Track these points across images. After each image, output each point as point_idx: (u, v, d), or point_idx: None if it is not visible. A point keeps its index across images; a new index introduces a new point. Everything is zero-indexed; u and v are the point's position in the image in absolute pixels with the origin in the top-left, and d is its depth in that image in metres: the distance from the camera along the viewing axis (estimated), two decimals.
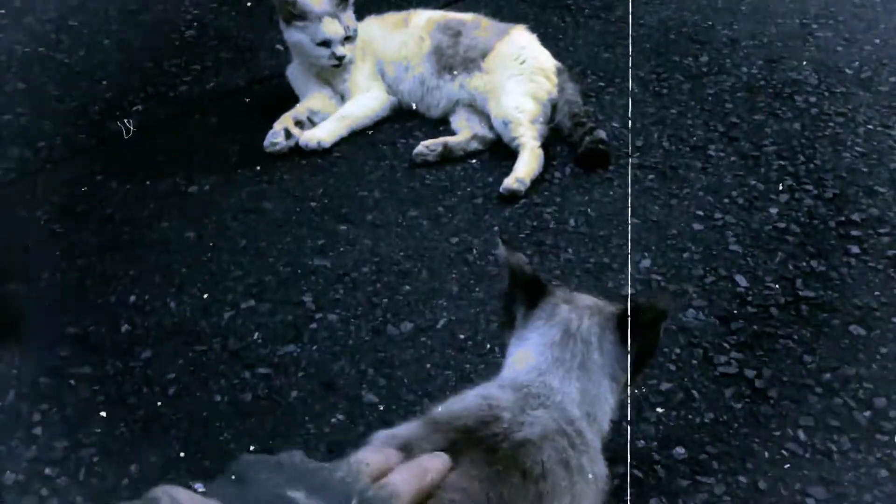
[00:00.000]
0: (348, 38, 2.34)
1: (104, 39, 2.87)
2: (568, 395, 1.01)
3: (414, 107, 2.43)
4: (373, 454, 0.77)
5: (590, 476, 0.96)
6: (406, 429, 0.93)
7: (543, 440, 0.93)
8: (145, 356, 1.70)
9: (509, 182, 2.09)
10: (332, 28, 2.30)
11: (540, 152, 2.17)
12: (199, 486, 0.67)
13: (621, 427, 1.51)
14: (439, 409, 0.99)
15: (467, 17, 2.47)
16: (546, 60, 2.36)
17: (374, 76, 2.43)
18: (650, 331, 1.09)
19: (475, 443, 0.89)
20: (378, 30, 2.48)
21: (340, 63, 2.34)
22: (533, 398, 0.99)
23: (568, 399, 1.01)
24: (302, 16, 2.29)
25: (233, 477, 0.68)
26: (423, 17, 2.47)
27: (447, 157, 2.22)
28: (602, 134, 2.19)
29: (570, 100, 2.29)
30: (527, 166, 2.13)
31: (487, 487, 0.85)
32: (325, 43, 2.31)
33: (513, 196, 2.08)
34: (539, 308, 1.10)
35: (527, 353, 1.06)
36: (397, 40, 2.44)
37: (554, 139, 2.26)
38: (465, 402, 0.97)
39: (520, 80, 2.28)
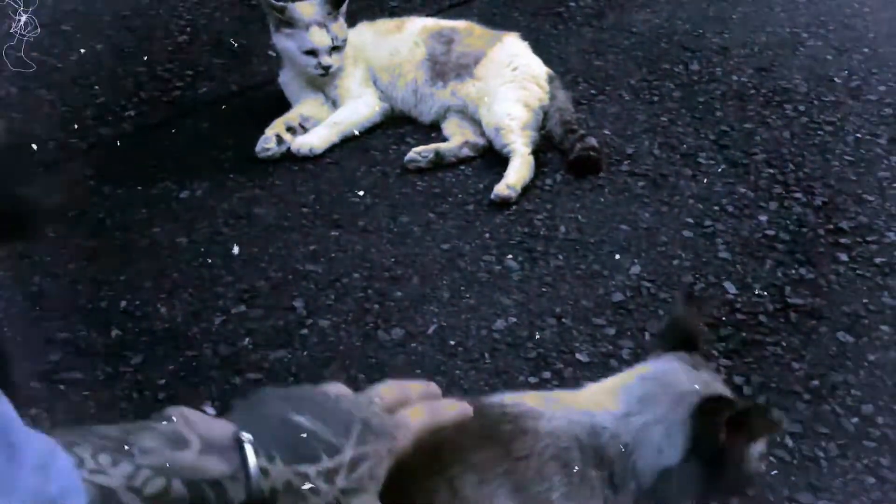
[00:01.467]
0: (336, 49, 2.34)
1: (97, 44, 2.87)
2: (613, 431, 0.94)
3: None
4: (390, 389, 0.79)
5: (591, 491, 0.91)
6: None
7: (548, 435, 0.91)
8: (136, 361, 1.70)
9: (500, 189, 2.10)
10: (318, 38, 2.30)
11: (531, 159, 2.18)
12: (209, 409, 0.70)
13: None
14: None
15: (460, 24, 2.48)
16: (538, 68, 2.37)
17: (367, 82, 2.44)
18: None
19: (486, 417, 0.90)
20: (371, 36, 2.48)
21: (326, 73, 2.34)
22: (591, 428, 0.93)
23: (613, 435, 0.94)
24: (290, 23, 2.30)
25: (244, 404, 0.71)
26: (416, 25, 2.47)
27: (439, 163, 2.23)
28: (593, 141, 2.20)
29: (562, 107, 2.30)
30: (518, 173, 2.13)
31: (463, 441, 0.86)
32: (312, 52, 2.31)
33: (503, 203, 2.09)
34: (675, 353, 1.04)
35: (635, 382, 1.00)
36: (390, 47, 2.45)
37: (545, 146, 2.27)
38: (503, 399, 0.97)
39: (511, 87, 2.29)
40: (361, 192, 2.17)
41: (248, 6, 3.04)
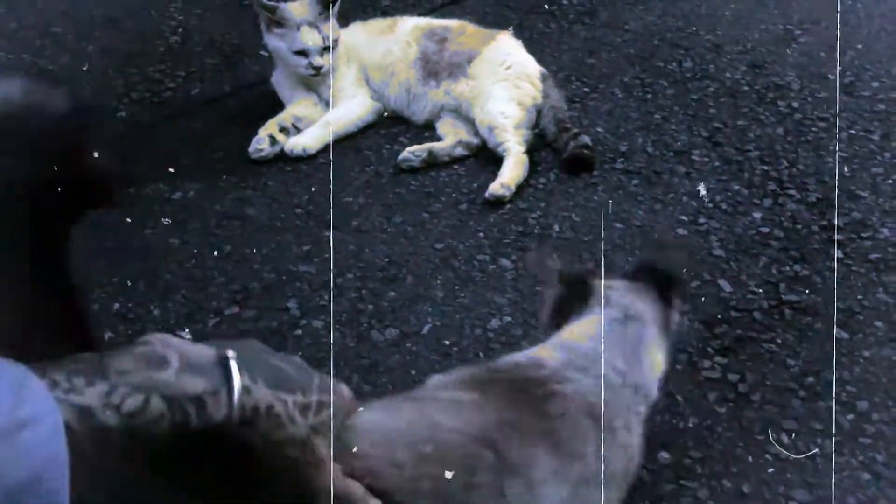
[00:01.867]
0: (327, 49, 2.33)
1: (88, 46, 2.86)
2: (615, 367, 1.07)
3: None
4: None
5: (622, 441, 1.01)
6: (464, 371, 1.04)
7: (575, 395, 1.00)
8: None
9: (494, 188, 2.10)
10: (309, 37, 2.29)
11: (525, 158, 2.18)
12: (185, 333, 0.70)
13: None
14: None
15: (453, 23, 2.47)
16: (531, 67, 2.37)
17: (360, 82, 2.43)
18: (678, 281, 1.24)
19: (515, 387, 0.99)
20: (364, 36, 2.48)
21: (318, 73, 2.33)
22: (579, 359, 1.06)
23: (615, 370, 1.07)
24: (281, 23, 2.30)
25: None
26: (409, 24, 2.47)
27: (432, 162, 2.23)
28: (586, 139, 2.20)
29: (555, 106, 2.30)
30: (512, 172, 2.13)
31: (501, 411, 0.94)
32: (303, 52, 2.31)
33: (498, 202, 2.08)
34: (593, 299, 1.17)
35: (582, 326, 1.14)
36: (383, 47, 2.44)
37: (539, 145, 2.27)
38: (517, 357, 1.09)
39: (504, 85, 2.29)
40: (355, 192, 2.16)
41: (239, 7, 3.03)
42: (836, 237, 1.92)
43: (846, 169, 2.12)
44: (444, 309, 1.80)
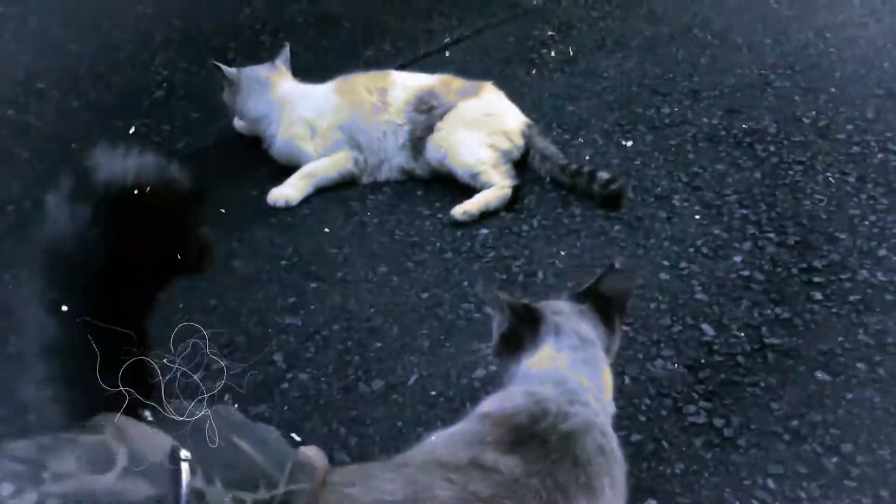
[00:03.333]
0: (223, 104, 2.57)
1: (74, 101, 2.89)
2: (590, 390, 1.15)
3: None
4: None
5: (617, 457, 1.09)
6: (466, 426, 1.08)
7: (586, 431, 1.06)
8: None
9: (455, 211, 2.22)
10: (226, 97, 2.57)
11: (502, 192, 2.25)
12: (148, 414, 0.66)
13: None
14: (487, 405, 1.12)
15: (438, 81, 2.48)
16: (511, 121, 2.40)
17: (335, 145, 2.44)
18: (622, 307, 1.32)
19: (530, 436, 1.03)
20: (348, 108, 2.46)
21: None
22: (571, 393, 1.12)
23: (591, 393, 1.15)
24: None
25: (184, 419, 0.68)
26: (399, 97, 2.44)
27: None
28: (604, 175, 2.24)
29: (546, 154, 2.34)
30: (478, 200, 2.23)
31: (544, 475, 0.97)
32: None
33: (455, 224, 2.21)
34: (544, 326, 1.23)
35: (552, 355, 1.19)
36: (375, 129, 2.43)
37: (528, 190, 2.29)
38: (516, 401, 1.10)
39: (476, 132, 2.32)
40: (340, 243, 2.17)
41: (224, 60, 3.07)
42: (815, 279, 1.94)
43: (823, 211, 2.15)
44: (430, 359, 1.80)
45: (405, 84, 2.47)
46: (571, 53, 3.02)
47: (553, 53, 3.01)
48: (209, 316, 1.95)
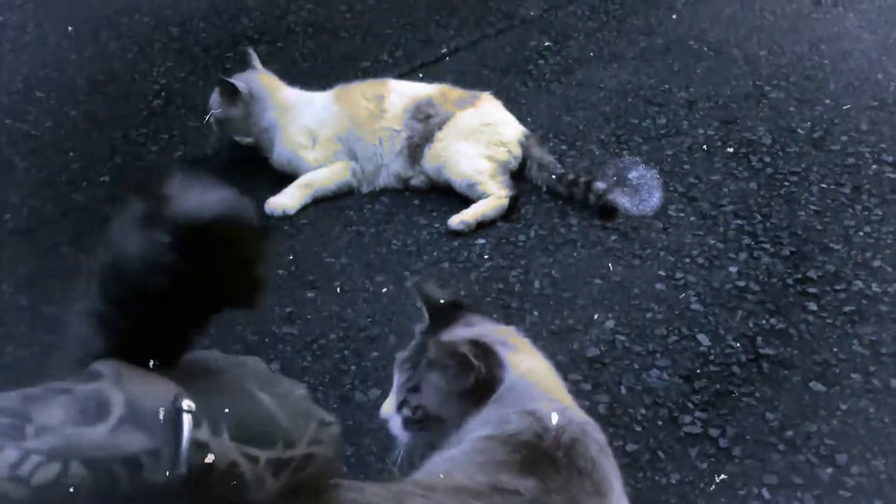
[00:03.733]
0: (218, 122, 2.51)
1: (71, 110, 2.89)
2: (555, 391, 1.20)
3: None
4: None
5: (608, 450, 1.12)
6: (469, 448, 1.07)
7: (583, 436, 1.08)
8: None
9: (452, 221, 2.23)
10: (215, 102, 2.52)
11: (500, 202, 2.26)
12: (152, 362, 0.62)
13: None
14: (480, 429, 1.10)
15: (436, 91, 2.47)
16: (509, 132, 2.41)
17: (334, 156, 2.45)
18: None
19: (540, 454, 1.03)
20: (347, 118, 2.45)
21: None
22: (552, 402, 1.14)
23: (558, 394, 1.20)
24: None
25: (204, 359, 0.64)
26: (396, 103, 2.44)
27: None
28: (600, 185, 2.25)
29: (543, 164, 2.35)
30: (475, 209, 2.24)
31: (560, 491, 0.99)
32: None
33: (453, 234, 2.21)
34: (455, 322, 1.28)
35: (517, 367, 1.19)
36: (372, 138, 2.43)
37: (525, 200, 2.30)
38: (513, 421, 1.09)
39: (473, 143, 2.33)
40: (337, 252, 2.18)
41: (222, 69, 3.08)
42: (810, 290, 1.95)
43: (818, 222, 2.16)
44: None
45: (403, 92, 2.48)
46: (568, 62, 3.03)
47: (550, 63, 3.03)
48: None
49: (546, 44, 3.19)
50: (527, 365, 1.21)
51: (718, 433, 1.62)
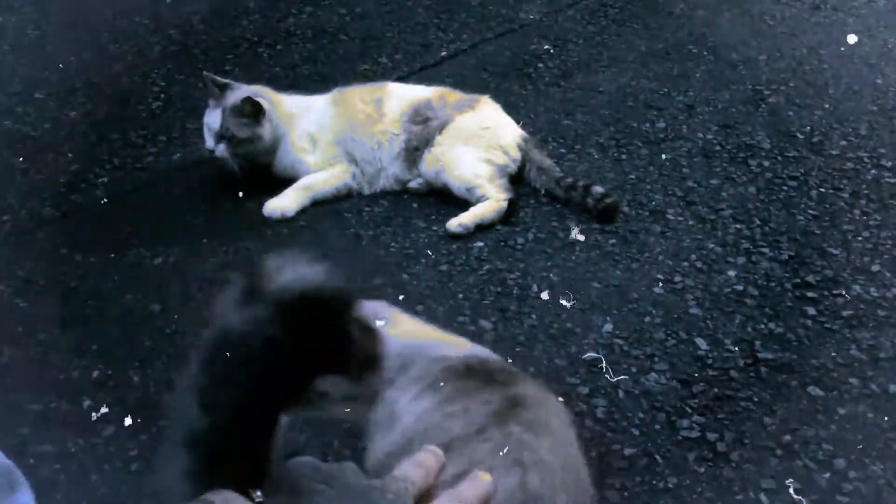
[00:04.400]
0: (224, 139, 2.37)
1: (70, 112, 2.89)
2: None
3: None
4: (415, 470, 0.72)
5: None
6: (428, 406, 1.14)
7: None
8: (108, 433, 1.68)
9: (451, 224, 2.23)
10: (213, 117, 2.38)
11: (498, 205, 2.26)
12: (259, 495, 0.63)
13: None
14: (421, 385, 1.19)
15: (434, 94, 2.48)
16: (508, 135, 2.42)
17: (333, 159, 2.45)
18: None
19: (484, 372, 1.20)
20: (346, 123, 2.45)
21: (211, 154, 2.40)
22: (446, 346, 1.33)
23: None
24: (218, 99, 2.40)
25: (283, 485, 0.64)
26: (395, 108, 2.44)
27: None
28: (599, 189, 2.26)
29: (543, 167, 2.35)
30: (473, 212, 2.25)
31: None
32: (208, 128, 2.40)
33: (452, 237, 2.22)
34: None
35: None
36: (370, 141, 2.43)
37: (525, 203, 2.30)
38: (440, 364, 1.22)
39: (472, 147, 2.34)
40: (335, 256, 2.17)
41: (221, 72, 3.08)
42: (808, 294, 1.95)
43: (817, 227, 2.16)
44: None
45: (401, 95, 2.47)
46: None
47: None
48: (204, 329, 1.95)
49: (545, 47, 3.19)
50: (406, 328, 1.34)
51: (716, 437, 1.62)
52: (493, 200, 2.26)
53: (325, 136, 2.44)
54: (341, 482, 0.66)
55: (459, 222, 2.22)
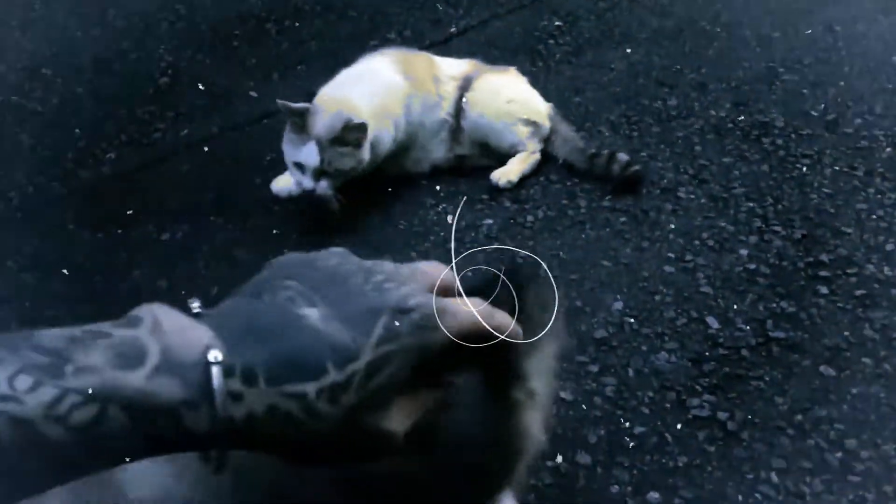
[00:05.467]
0: (325, 173, 2.08)
1: (77, 88, 2.88)
2: None
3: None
4: (436, 268, 0.65)
5: None
6: None
7: None
8: None
9: (496, 177, 2.26)
10: (310, 154, 2.05)
11: (535, 157, 2.33)
12: (195, 303, 0.59)
13: (595, 471, 1.51)
14: None
15: (469, 66, 2.43)
16: (539, 101, 2.42)
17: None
18: None
19: None
20: (418, 98, 2.30)
21: (307, 194, 2.11)
22: None
23: None
24: (301, 127, 2.06)
25: (246, 289, 0.60)
26: (448, 89, 2.34)
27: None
28: (624, 156, 2.25)
29: (567, 138, 2.37)
30: (515, 167, 2.28)
31: None
32: (299, 166, 2.09)
33: (496, 190, 2.25)
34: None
35: None
36: (436, 118, 2.33)
37: (531, 182, 2.28)
38: None
39: (513, 95, 2.37)
40: (343, 234, 2.16)
41: (229, 48, 3.06)
42: (821, 273, 1.93)
43: (830, 205, 2.13)
44: None
45: (450, 74, 2.38)
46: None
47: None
48: (210, 305, 1.94)
49: (556, 24, 3.15)
50: None
51: (727, 417, 1.60)
52: (528, 153, 2.30)
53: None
54: (316, 272, 0.60)
55: (508, 179, 2.25)
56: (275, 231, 2.18)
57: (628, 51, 2.93)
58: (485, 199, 2.24)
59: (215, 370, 0.51)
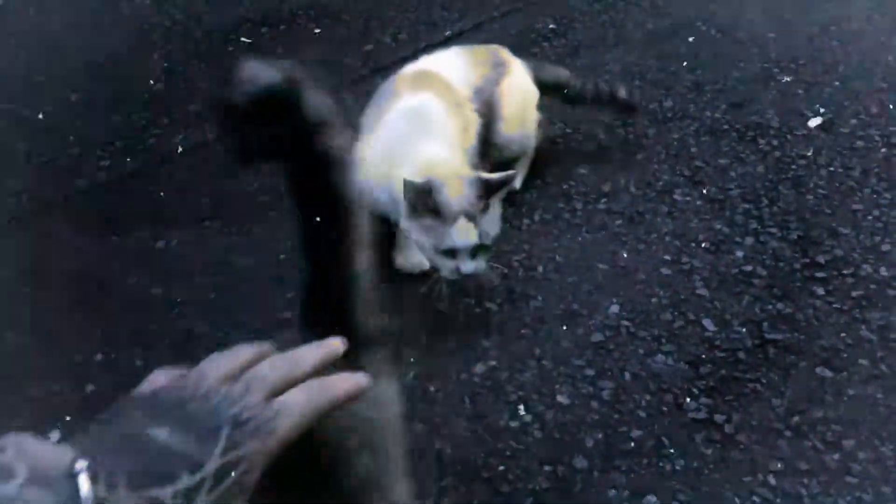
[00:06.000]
0: (483, 248, 1.74)
1: (71, 94, 2.88)
2: None
3: None
4: (273, 365, 0.69)
5: None
6: None
7: None
8: None
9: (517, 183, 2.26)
10: (464, 234, 1.69)
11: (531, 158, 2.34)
12: (55, 434, 0.63)
13: (592, 475, 1.51)
14: None
15: (466, 71, 2.15)
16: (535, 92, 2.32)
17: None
18: None
19: None
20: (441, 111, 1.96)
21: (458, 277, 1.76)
22: None
23: None
24: (435, 210, 1.69)
25: (100, 421, 0.63)
26: (465, 102, 2.04)
27: None
28: (622, 92, 2.38)
29: (560, 79, 2.39)
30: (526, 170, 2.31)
31: None
32: (452, 252, 1.72)
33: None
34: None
35: None
36: (518, 99, 2.21)
37: (527, 186, 2.28)
38: None
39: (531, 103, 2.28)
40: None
41: (224, 52, 3.05)
42: (817, 275, 1.92)
43: (826, 206, 2.13)
44: (428, 354, 1.79)
45: (464, 95, 2.06)
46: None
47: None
48: (208, 313, 1.94)
49: (550, 26, 3.15)
50: None
51: (724, 419, 1.60)
52: (528, 157, 2.32)
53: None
54: (160, 400, 0.64)
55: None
56: (272, 237, 2.17)
57: (623, 52, 2.93)
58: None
59: (82, 478, 0.55)
